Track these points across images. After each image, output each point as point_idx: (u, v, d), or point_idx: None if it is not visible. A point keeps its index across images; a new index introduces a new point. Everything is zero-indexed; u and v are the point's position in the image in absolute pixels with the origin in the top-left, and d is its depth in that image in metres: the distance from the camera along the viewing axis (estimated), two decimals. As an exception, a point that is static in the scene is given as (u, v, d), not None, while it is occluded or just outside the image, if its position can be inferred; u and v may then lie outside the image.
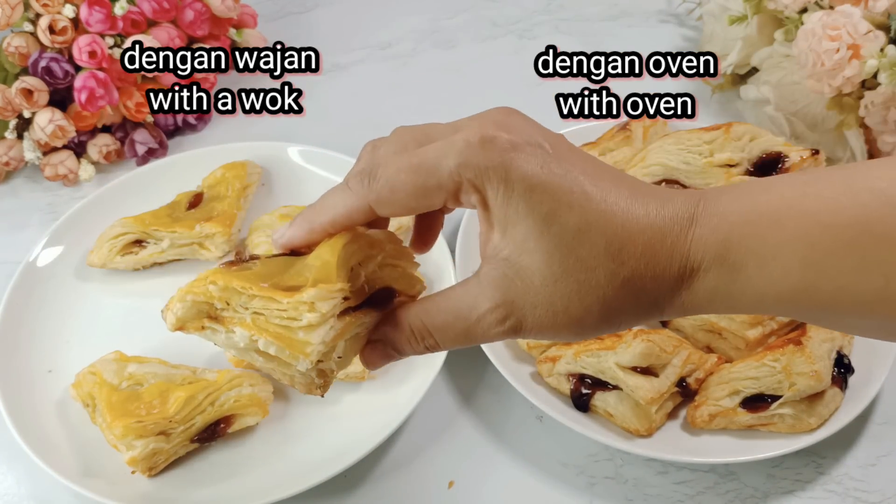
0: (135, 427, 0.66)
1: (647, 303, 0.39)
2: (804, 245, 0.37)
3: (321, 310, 0.39)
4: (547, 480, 0.71)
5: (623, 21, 1.18)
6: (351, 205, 0.41)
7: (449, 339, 0.41)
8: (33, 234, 0.89)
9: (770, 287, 0.38)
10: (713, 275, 0.38)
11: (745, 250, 0.38)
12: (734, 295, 0.38)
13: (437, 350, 0.42)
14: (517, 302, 0.39)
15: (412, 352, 0.42)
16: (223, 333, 0.41)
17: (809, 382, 0.68)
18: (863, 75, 0.84)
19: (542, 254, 0.38)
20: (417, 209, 0.41)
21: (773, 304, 0.38)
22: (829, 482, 0.71)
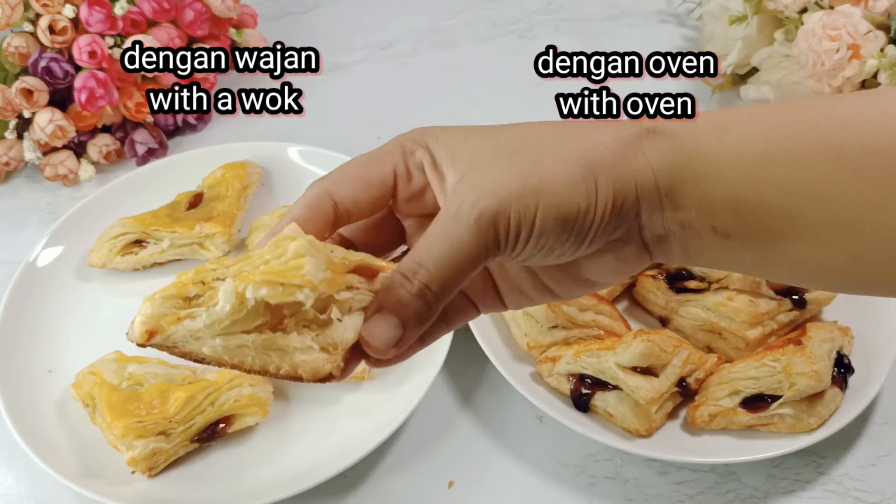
0: (135, 427, 0.66)
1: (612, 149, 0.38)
2: (758, 121, 0.39)
3: (302, 242, 0.35)
4: (547, 480, 0.71)
5: (623, 21, 1.18)
6: (310, 196, 0.41)
7: (437, 258, 0.37)
8: (33, 234, 0.89)
9: (728, 153, 0.38)
10: (671, 134, 0.39)
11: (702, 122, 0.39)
12: (695, 161, 0.38)
13: (434, 284, 0.37)
14: (484, 183, 0.38)
15: (409, 300, 0.37)
16: (203, 314, 0.36)
17: (809, 382, 0.68)
18: (863, 75, 0.84)
19: (493, 145, 0.39)
20: (371, 180, 0.41)
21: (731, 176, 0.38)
22: (829, 482, 0.71)
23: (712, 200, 0.38)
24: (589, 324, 0.74)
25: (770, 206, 0.38)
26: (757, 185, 0.37)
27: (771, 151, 0.37)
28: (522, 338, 0.75)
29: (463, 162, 0.39)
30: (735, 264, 0.41)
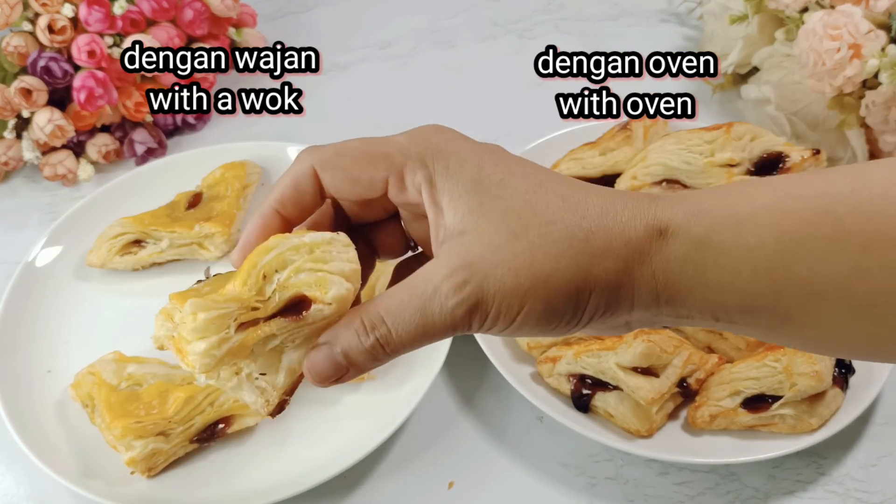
0: (134, 427, 0.66)
1: (616, 267, 0.36)
2: (778, 213, 0.36)
3: (201, 319, 0.36)
4: (547, 481, 0.71)
5: (623, 21, 1.18)
6: (296, 170, 0.40)
7: (403, 322, 0.36)
8: (32, 234, 0.89)
9: (744, 256, 0.35)
10: (682, 239, 0.36)
11: (716, 216, 0.36)
12: (707, 266, 0.36)
13: (390, 345, 0.37)
14: (476, 264, 0.36)
15: (359, 351, 0.37)
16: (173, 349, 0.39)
17: (810, 383, 0.67)
18: (864, 75, 0.84)
19: (499, 212, 0.36)
20: (358, 181, 0.39)
21: (748, 281, 0.36)
22: (830, 483, 0.70)
23: (722, 302, 0.37)
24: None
25: (787, 303, 0.36)
26: (774, 287, 0.36)
27: (792, 251, 0.35)
28: (522, 338, 0.75)
29: (464, 215, 0.37)
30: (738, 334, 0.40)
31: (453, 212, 0.37)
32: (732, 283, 0.36)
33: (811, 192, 0.36)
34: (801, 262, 0.35)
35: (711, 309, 0.37)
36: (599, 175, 0.86)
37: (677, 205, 0.37)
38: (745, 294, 0.36)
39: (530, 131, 0.96)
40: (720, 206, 0.37)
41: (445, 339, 0.38)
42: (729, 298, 0.36)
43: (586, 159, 0.86)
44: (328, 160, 0.39)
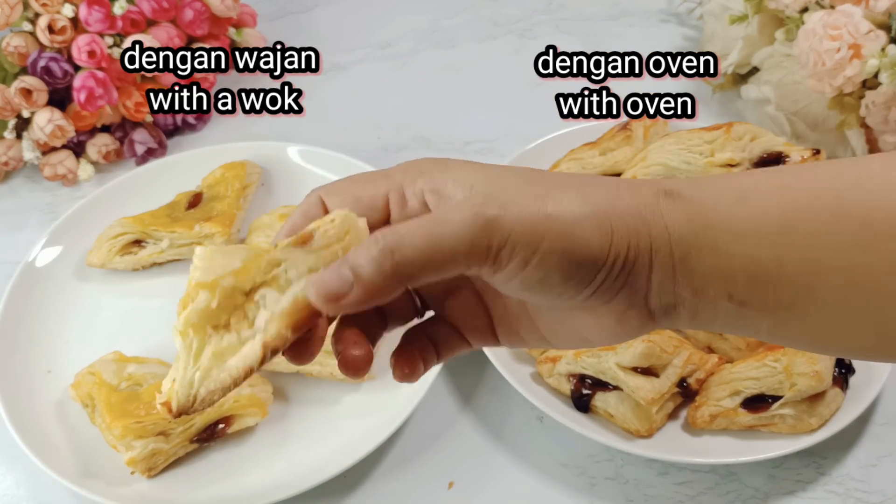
0: (134, 427, 0.66)
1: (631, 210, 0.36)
2: (777, 188, 0.37)
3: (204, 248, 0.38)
4: (547, 481, 0.71)
5: (624, 21, 1.18)
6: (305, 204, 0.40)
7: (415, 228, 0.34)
8: (32, 234, 0.89)
9: (748, 222, 0.36)
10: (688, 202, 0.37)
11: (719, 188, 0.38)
12: (714, 227, 0.36)
13: (398, 252, 0.34)
14: (496, 194, 0.35)
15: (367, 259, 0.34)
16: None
17: (810, 383, 0.67)
18: (864, 75, 0.84)
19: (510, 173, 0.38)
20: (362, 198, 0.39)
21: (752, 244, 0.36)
22: (829, 483, 0.70)
23: (730, 269, 0.36)
24: (589, 324, 0.74)
25: (791, 277, 0.36)
26: (778, 256, 0.36)
27: (793, 222, 0.36)
28: (523, 338, 0.75)
29: (473, 183, 0.37)
30: (749, 330, 0.39)
31: (461, 188, 0.37)
32: (738, 248, 0.36)
33: (811, 174, 0.37)
34: (802, 235, 0.36)
35: (723, 279, 0.36)
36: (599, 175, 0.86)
37: (681, 181, 0.38)
38: (751, 260, 0.36)
39: (530, 131, 0.96)
40: (722, 181, 0.38)
41: (463, 266, 0.35)
42: (736, 264, 0.36)
43: (586, 159, 0.86)
44: (332, 188, 0.40)
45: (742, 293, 0.37)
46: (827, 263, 0.36)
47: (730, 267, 0.36)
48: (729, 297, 0.37)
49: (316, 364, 0.73)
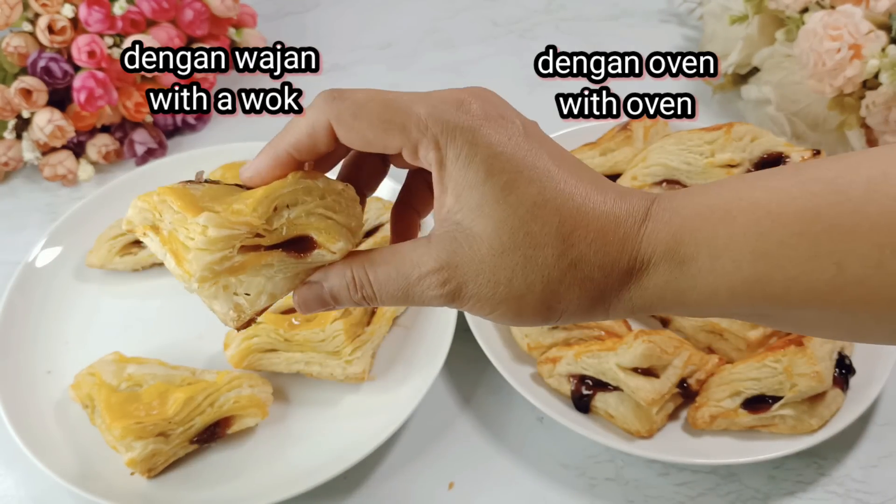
0: (134, 428, 0.66)
1: (592, 293, 0.39)
2: (754, 236, 0.36)
3: (211, 235, 0.38)
4: (547, 482, 0.71)
5: (624, 21, 1.18)
6: (313, 120, 0.40)
7: (387, 293, 0.41)
8: (32, 234, 0.89)
9: (722, 280, 0.37)
10: (663, 269, 0.38)
11: (696, 243, 0.37)
12: (685, 290, 0.38)
13: (372, 303, 0.41)
14: (461, 268, 0.39)
15: (346, 299, 0.42)
16: (155, 242, 0.42)
17: (811, 383, 0.67)
18: (864, 75, 0.84)
19: (494, 222, 0.38)
20: (371, 144, 0.40)
21: (725, 299, 0.37)
22: (830, 483, 0.70)
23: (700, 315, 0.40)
24: (590, 325, 0.74)
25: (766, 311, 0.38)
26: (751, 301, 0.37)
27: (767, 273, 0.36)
28: (523, 339, 0.75)
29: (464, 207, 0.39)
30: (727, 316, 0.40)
31: (455, 199, 0.39)
32: (710, 301, 0.38)
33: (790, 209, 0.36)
34: (777, 283, 0.36)
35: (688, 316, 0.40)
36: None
37: (661, 232, 0.38)
38: (723, 309, 0.38)
39: (530, 131, 0.96)
40: (702, 229, 0.37)
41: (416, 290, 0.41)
42: (707, 312, 0.38)
43: (586, 159, 0.86)
44: (345, 119, 0.40)
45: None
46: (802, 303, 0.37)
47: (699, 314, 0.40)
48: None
49: (316, 365, 0.73)
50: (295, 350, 0.73)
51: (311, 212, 0.42)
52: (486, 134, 0.38)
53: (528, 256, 0.38)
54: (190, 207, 0.39)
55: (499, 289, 0.38)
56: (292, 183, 0.41)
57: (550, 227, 0.38)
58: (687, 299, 0.38)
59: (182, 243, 0.39)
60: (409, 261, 0.40)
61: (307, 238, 0.41)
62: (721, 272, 0.37)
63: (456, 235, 0.39)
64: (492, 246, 0.38)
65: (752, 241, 0.36)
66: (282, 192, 0.41)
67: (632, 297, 0.39)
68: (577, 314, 0.39)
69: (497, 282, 0.38)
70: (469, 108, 0.39)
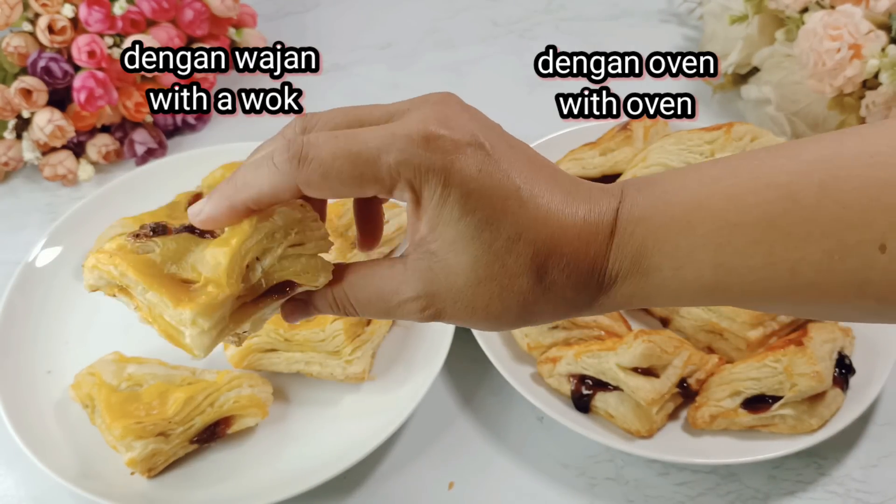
0: (134, 428, 0.66)
1: (565, 307, 0.41)
2: (714, 247, 0.38)
3: (202, 326, 0.39)
4: (547, 482, 0.71)
5: (624, 21, 1.18)
6: (277, 184, 0.40)
7: (369, 313, 0.43)
8: (32, 234, 0.89)
9: (685, 286, 0.39)
10: (630, 281, 0.40)
11: (660, 255, 0.39)
12: (651, 295, 0.40)
13: (354, 316, 0.44)
14: (439, 295, 0.41)
15: (330, 314, 0.45)
16: (130, 305, 0.41)
17: (811, 383, 0.67)
18: (864, 75, 0.84)
19: (469, 257, 0.39)
20: (347, 196, 0.41)
21: (688, 300, 0.40)
22: (830, 483, 0.70)
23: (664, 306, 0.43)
24: (590, 324, 0.74)
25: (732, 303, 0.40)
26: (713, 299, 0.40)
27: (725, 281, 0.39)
28: (523, 338, 0.75)
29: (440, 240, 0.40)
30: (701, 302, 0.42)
31: (430, 230, 0.40)
32: (674, 301, 0.41)
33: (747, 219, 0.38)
34: (735, 288, 0.39)
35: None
36: (599, 175, 0.86)
37: (627, 246, 0.40)
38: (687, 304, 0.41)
39: (530, 131, 0.96)
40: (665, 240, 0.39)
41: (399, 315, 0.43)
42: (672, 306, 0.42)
43: (586, 159, 0.86)
44: (314, 182, 0.39)
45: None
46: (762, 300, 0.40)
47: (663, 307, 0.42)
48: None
49: (316, 364, 0.73)
50: (295, 350, 0.73)
51: (282, 256, 0.41)
52: (458, 171, 0.39)
53: (504, 286, 0.40)
54: (165, 291, 0.39)
55: (476, 312, 0.41)
56: (252, 233, 0.40)
57: (525, 258, 0.39)
58: (653, 301, 0.41)
59: (170, 325, 0.40)
60: (388, 287, 0.41)
61: (286, 283, 0.42)
62: (683, 280, 0.39)
63: (432, 266, 0.40)
64: (468, 278, 0.40)
65: (711, 252, 0.38)
66: (247, 248, 0.40)
67: (602, 303, 0.41)
68: (551, 318, 0.42)
69: (475, 307, 0.40)
70: (438, 143, 0.39)
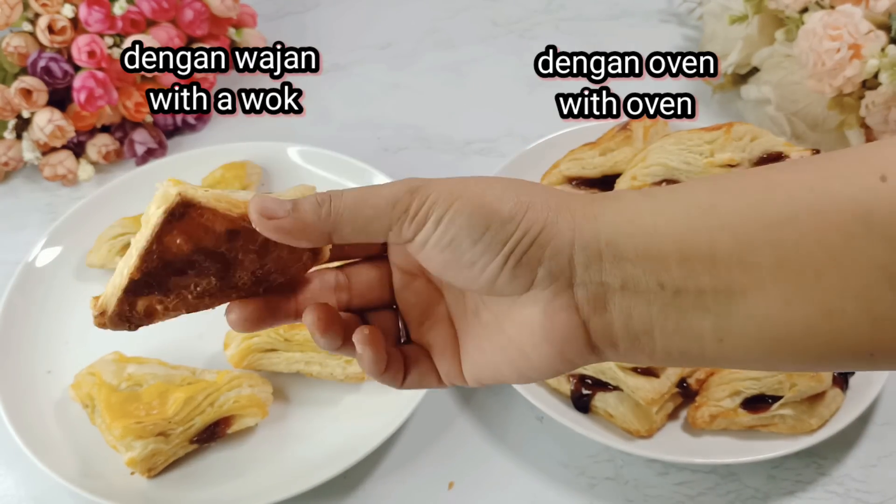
0: (134, 428, 0.66)
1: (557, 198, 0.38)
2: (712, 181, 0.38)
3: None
4: (547, 481, 0.71)
5: (624, 21, 1.18)
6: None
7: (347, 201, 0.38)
8: (32, 234, 0.89)
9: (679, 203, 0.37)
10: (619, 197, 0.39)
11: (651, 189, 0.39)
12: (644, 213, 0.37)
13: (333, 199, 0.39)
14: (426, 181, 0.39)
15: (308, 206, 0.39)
16: None
17: (810, 383, 0.67)
18: (864, 75, 0.84)
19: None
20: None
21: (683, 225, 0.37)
22: (829, 483, 0.70)
23: (660, 252, 0.36)
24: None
25: (725, 256, 0.35)
26: (710, 236, 0.35)
27: (722, 200, 0.36)
28: (523, 338, 0.75)
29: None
30: (693, 340, 0.37)
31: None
32: (668, 229, 0.36)
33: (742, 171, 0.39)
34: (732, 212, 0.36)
35: (653, 263, 0.36)
36: (599, 175, 0.86)
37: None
38: (682, 241, 0.36)
39: (530, 131, 0.96)
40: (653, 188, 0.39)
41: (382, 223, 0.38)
42: (666, 246, 0.36)
43: (586, 159, 0.86)
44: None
45: (675, 278, 0.36)
46: (758, 239, 0.35)
47: (660, 249, 0.36)
48: (661, 286, 0.36)
49: (316, 364, 0.73)
50: (295, 350, 0.73)
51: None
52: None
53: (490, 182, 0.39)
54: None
55: (462, 183, 0.38)
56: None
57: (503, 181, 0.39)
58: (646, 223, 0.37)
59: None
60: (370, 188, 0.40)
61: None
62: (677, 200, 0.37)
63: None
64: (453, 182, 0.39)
65: (707, 182, 0.37)
66: None
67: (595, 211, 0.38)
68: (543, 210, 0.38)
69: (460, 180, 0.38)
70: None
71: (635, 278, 0.36)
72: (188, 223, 0.40)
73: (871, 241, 0.33)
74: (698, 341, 0.36)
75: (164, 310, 0.42)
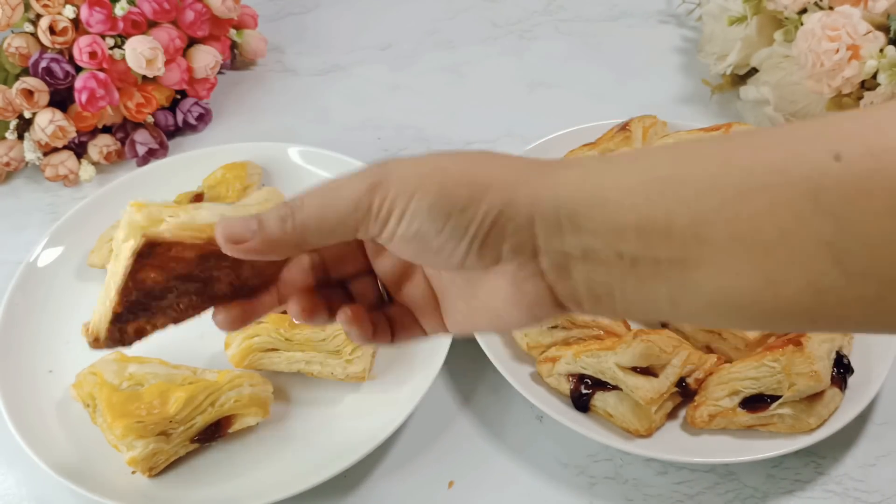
0: (135, 427, 0.66)
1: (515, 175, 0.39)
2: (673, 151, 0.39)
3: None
4: (547, 480, 0.71)
5: (623, 22, 1.18)
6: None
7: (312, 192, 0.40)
8: (34, 234, 0.89)
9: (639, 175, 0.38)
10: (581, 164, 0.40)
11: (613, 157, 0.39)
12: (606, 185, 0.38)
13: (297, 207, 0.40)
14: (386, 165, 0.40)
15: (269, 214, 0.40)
16: None
17: (809, 383, 0.68)
18: (862, 76, 0.84)
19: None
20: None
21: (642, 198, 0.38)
22: (828, 482, 0.71)
23: (619, 223, 0.37)
24: (589, 324, 0.74)
25: (680, 229, 0.36)
26: (667, 208, 0.37)
27: (681, 174, 0.37)
28: (522, 338, 0.75)
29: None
30: (650, 303, 0.39)
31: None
32: (627, 201, 0.37)
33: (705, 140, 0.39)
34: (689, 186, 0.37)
35: (612, 234, 0.37)
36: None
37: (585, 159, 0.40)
38: (639, 213, 0.37)
39: (530, 132, 0.96)
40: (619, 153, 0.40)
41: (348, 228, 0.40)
42: (625, 218, 0.37)
43: (586, 160, 0.86)
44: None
45: (632, 248, 0.37)
46: (714, 214, 0.36)
47: (618, 221, 0.37)
48: (619, 256, 0.38)
49: (317, 364, 0.73)
50: (296, 349, 0.73)
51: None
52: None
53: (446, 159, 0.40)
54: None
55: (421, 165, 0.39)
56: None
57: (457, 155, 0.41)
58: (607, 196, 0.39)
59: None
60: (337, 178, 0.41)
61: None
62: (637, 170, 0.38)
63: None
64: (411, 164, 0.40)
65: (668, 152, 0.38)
66: None
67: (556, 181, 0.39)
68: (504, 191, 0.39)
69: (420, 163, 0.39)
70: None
71: (595, 248, 0.38)
72: (158, 259, 0.41)
73: (819, 219, 0.34)
74: (654, 303, 0.39)
75: (154, 327, 0.44)
